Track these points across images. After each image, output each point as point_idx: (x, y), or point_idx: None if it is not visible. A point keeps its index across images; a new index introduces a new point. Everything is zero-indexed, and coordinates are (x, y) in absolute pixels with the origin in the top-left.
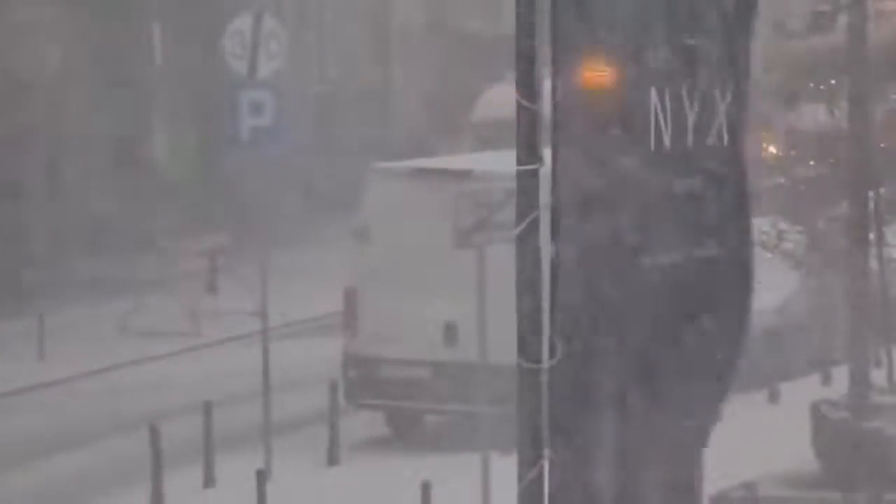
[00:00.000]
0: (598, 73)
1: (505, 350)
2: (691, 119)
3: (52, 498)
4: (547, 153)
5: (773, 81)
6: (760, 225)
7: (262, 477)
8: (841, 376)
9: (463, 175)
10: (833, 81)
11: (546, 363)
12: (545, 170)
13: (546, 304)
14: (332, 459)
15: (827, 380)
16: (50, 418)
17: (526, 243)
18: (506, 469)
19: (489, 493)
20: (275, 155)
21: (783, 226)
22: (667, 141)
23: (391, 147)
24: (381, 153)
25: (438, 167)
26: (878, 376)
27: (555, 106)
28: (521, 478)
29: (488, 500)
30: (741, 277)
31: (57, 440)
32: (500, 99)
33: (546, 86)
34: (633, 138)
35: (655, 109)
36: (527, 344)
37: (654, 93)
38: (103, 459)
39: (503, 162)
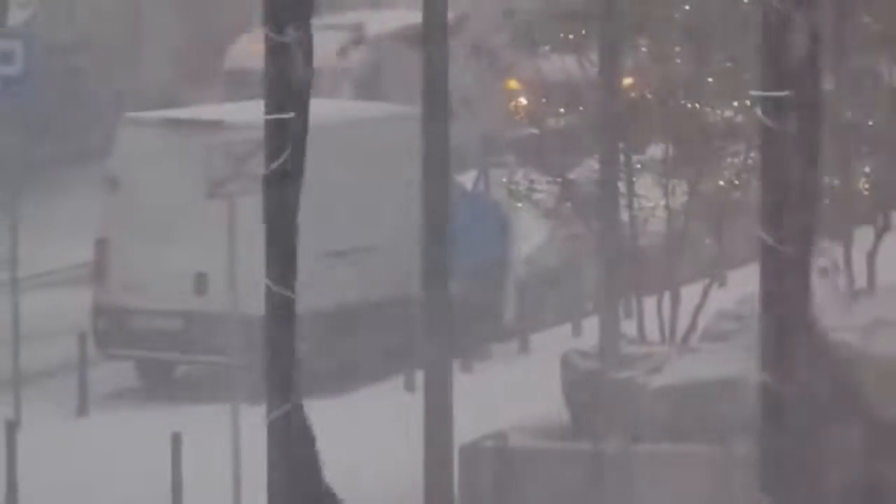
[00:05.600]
0: None
1: (255, 300)
2: None
3: None
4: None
5: (521, 29)
6: (510, 175)
7: (11, 426)
8: (591, 327)
9: (214, 125)
10: (584, 32)
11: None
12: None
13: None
14: (82, 410)
15: (577, 330)
16: None
17: (273, 190)
18: (256, 420)
19: (239, 444)
20: (25, 104)
21: (534, 176)
22: None
23: (143, 96)
24: (133, 103)
25: (190, 117)
26: (629, 327)
27: None
28: (270, 417)
29: (238, 451)
30: None
31: None
32: (252, 48)
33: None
34: None
35: None
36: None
37: None
38: None
39: (255, 112)
